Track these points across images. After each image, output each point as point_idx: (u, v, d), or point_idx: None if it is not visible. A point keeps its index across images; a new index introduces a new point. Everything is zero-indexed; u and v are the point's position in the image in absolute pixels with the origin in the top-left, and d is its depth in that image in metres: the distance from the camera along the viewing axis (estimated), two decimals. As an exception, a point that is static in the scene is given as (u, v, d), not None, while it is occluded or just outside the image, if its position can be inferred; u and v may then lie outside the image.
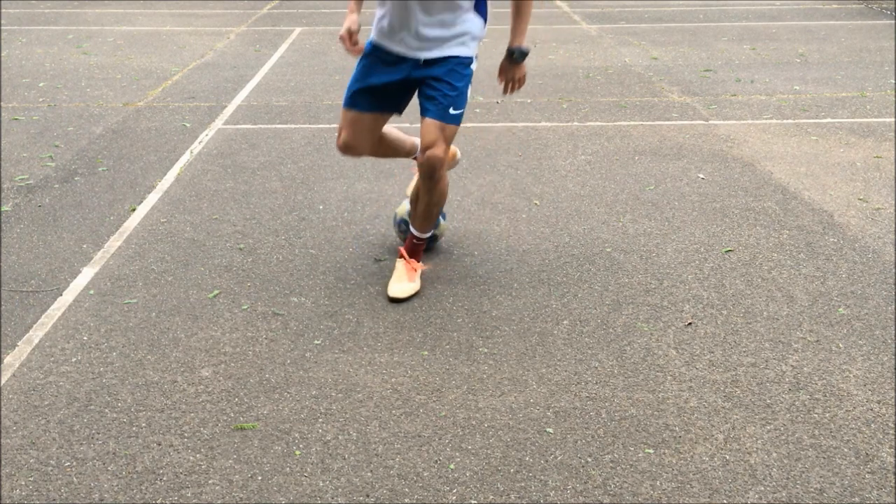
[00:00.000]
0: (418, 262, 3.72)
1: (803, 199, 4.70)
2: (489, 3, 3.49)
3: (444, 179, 3.52)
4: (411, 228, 3.71)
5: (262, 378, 3.04)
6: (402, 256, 3.70)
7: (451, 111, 3.40)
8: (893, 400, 2.89)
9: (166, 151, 5.61)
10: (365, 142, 3.59)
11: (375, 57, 3.49)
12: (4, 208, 4.62)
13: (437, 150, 3.37)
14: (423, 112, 3.44)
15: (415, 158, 3.87)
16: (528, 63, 8.36)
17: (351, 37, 3.34)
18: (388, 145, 3.73)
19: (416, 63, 3.42)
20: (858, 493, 2.45)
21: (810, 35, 9.84)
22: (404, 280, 3.64)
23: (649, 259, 3.99)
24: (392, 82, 3.47)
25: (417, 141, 3.81)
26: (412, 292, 3.62)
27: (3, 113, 6.56)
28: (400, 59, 3.44)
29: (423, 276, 3.80)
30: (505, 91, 3.61)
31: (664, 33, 10.04)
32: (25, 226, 4.40)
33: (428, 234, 3.71)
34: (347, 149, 3.60)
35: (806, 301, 3.58)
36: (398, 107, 3.58)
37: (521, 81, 3.59)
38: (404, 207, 3.97)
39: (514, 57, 3.51)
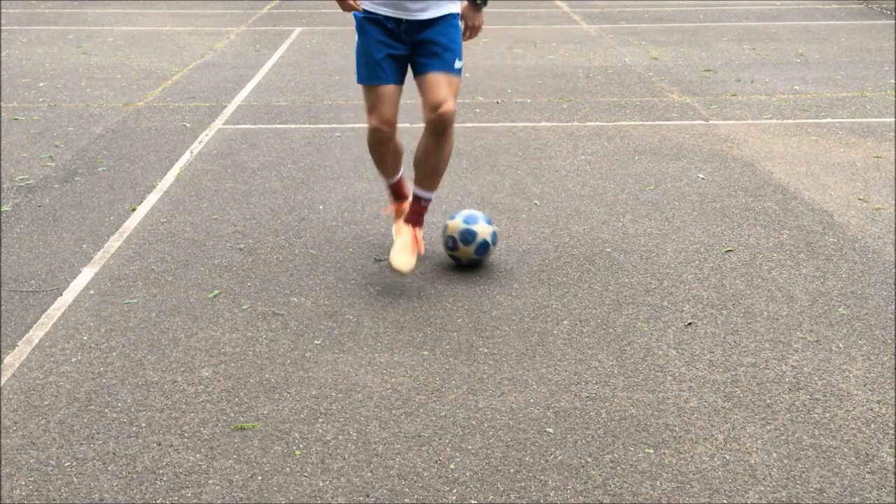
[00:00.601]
0: (421, 227, 3.76)
1: (803, 199, 4.70)
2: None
3: (453, 135, 3.59)
4: (416, 190, 3.71)
5: (262, 378, 3.04)
6: (408, 223, 3.72)
7: (455, 64, 3.49)
8: (893, 400, 2.89)
9: (166, 151, 5.61)
10: (394, 117, 3.63)
11: (375, 23, 3.51)
12: (4, 208, 4.62)
13: (450, 105, 3.45)
14: (425, 69, 3.49)
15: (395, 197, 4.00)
16: (528, 63, 8.37)
17: None
18: (398, 140, 3.79)
19: (412, 25, 3.47)
20: (858, 493, 2.45)
21: (810, 35, 9.84)
22: (409, 252, 3.62)
23: (649, 259, 3.99)
24: (398, 51, 3.54)
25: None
26: (413, 266, 3.62)
27: (3, 113, 6.56)
28: (397, 24, 3.48)
29: (423, 276, 3.80)
30: (463, 36, 3.64)
31: (664, 33, 10.05)
32: (25, 226, 4.40)
33: (434, 193, 3.74)
34: (384, 124, 3.59)
35: (806, 301, 3.58)
36: (403, 78, 3.65)
37: (479, 28, 3.66)
38: (457, 224, 3.80)
39: (477, 2, 3.57)
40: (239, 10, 12.19)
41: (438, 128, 3.48)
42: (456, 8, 3.54)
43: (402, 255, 3.59)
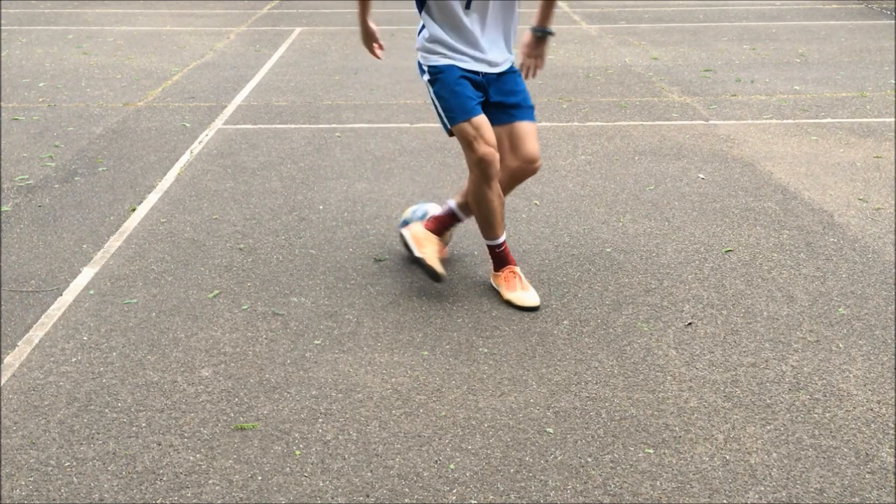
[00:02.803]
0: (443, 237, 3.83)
1: (803, 199, 4.70)
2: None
3: None
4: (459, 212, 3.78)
5: (262, 378, 3.04)
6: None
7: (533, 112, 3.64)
8: (893, 400, 2.89)
9: (166, 151, 5.62)
10: (495, 142, 3.50)
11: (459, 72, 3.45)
12: (4, 208, 4.62)
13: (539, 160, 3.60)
14: (512, 118, 3.53)
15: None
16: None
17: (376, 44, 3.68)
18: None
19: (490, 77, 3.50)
20: (858, 493, 2.45)
21: (810, 35, 9.84)
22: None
23: (649, 259, 3.99)
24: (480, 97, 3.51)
25: None
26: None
27: (3, 113, 6.56)
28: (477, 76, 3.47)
29: (423, 276, 3.80)
30: (526, 74, 3.62)
31: (664, 33, 10.05)
32: (25, 226, 4.40)
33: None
34: (491, 146, 3.41)
35: (806, 301, 3.58)
36: None
37: (542, 62, 3.64)
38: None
39: (541, 34, 3.57)
40: (239, 10, 12.19)
41: (522, 178, 3.59)
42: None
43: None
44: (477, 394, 2.93)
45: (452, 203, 3.74)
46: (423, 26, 3.45)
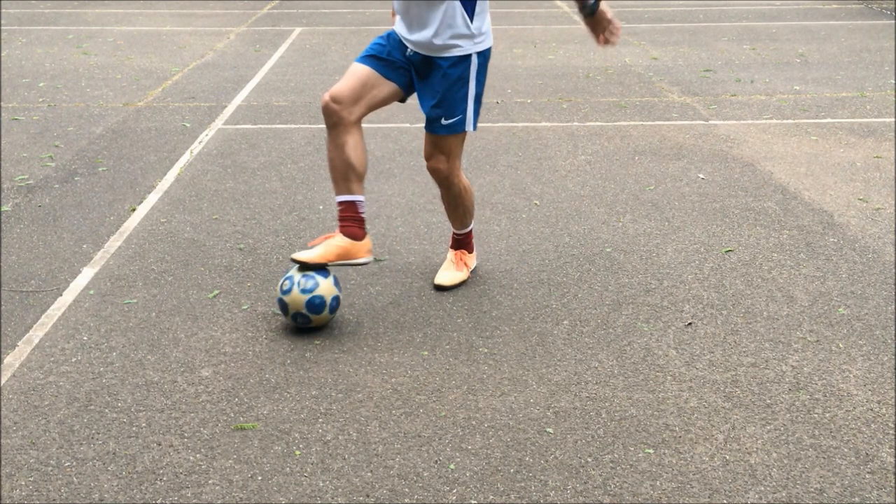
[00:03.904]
0: (470, 252, 3.80)
1: (803, 199, 4.70)
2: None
3: (456, 185, 3.58)
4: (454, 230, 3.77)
5: (262, 378, 3.04)
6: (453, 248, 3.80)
7: (443, 122, 3.45)
8: (893, 400, 2.89)
9: (166, 151, 5.61)
10: (349, 95, 3.32)
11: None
12: (4, 208, 4.62)
13: (433, 163, 3.49)
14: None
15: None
16: (528, 63, 8.37)
17: None
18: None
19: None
20: (858, 493, 2.45)
21: (810, 35, 9.84)
22: (451, 269, 3.75)
23: (649, 259, 3.99)
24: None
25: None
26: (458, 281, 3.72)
27: (3, 113, 6.56)
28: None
29: (423, 276, 3.80)
30: (601, 40, 3.38)
31: (664, 33, 10.05)
32: (25, 226, 4.40)
33: (468, 228, 3.74)
34: (332, 98, 3.29)
35: (806, 301, 3.58)
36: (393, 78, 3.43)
37: (613, 28, 3.37)
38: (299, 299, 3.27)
39: (592, 12, 3.33)
40: (239, 10, 12.19)
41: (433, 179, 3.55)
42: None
43: (445, 273, 3.74)
44: (477, 394, 2.93)
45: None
46: None
